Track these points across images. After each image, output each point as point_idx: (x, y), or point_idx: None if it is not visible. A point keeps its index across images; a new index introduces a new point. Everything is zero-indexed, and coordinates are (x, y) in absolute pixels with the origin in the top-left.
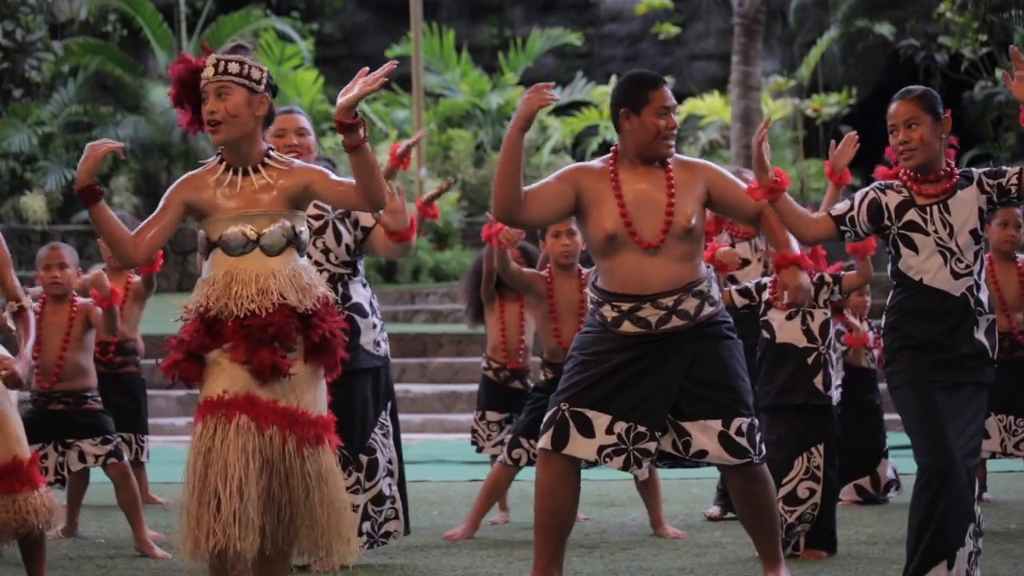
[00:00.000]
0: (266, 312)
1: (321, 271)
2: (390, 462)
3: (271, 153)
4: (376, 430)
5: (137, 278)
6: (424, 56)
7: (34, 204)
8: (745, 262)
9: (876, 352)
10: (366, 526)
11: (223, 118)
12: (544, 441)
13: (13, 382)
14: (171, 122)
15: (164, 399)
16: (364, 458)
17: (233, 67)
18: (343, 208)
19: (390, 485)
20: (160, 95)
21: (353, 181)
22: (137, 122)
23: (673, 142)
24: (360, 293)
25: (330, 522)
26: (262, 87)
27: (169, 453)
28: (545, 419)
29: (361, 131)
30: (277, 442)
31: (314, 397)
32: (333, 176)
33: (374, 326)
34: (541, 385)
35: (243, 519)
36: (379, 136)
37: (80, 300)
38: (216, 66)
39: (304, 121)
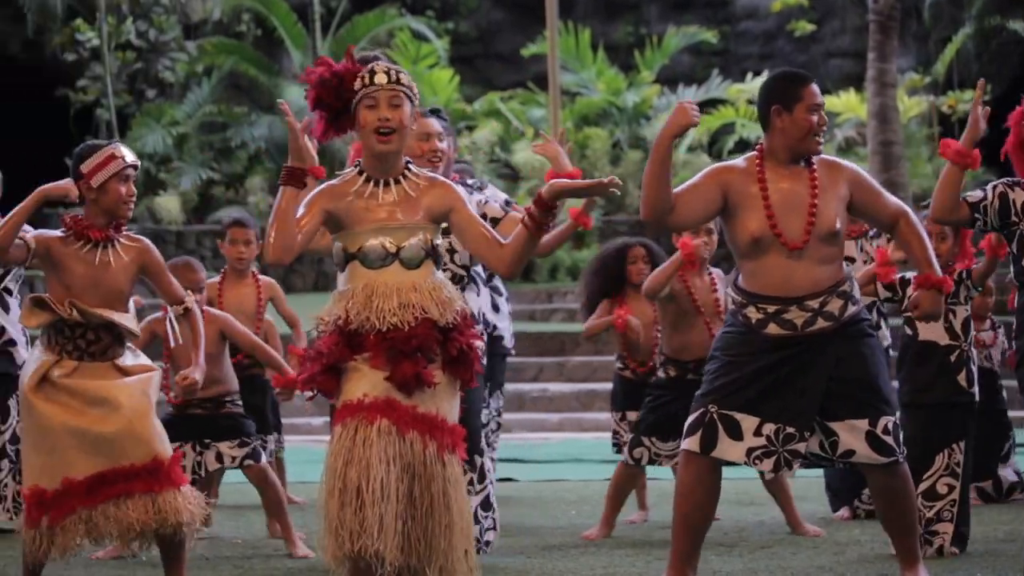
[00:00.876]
0: (408, 325)
1: (444, 270)
2: (489, 470)
3: (410, 166)
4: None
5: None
6: (560, 55)
7: (168, 205)
8: (849, 259)
9: (995, 352)
10: (475, 530)
11: (397, 127)
12: (692, 443)
13: (192, 391)
14: None
15: (300, 399)
16: (478, 459)
17: (405, 78)
18: (469, 251)
19: (490, 494)
20: (295, 95)
21: (492, 234)
22: (272, 122)
23: (822, 139)
24: (485, 294)
25: (465, 531)
26: (417, 101)
27: (305, 453)
28: (690, 421)
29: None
30: (418, 447)
31: (451, 406)
32: (473, 212)
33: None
34: (661, 383)
35: (385, 521)
36: (515, 135)
37: (213, 312)
38: (389, 74)
39: (446, 125)
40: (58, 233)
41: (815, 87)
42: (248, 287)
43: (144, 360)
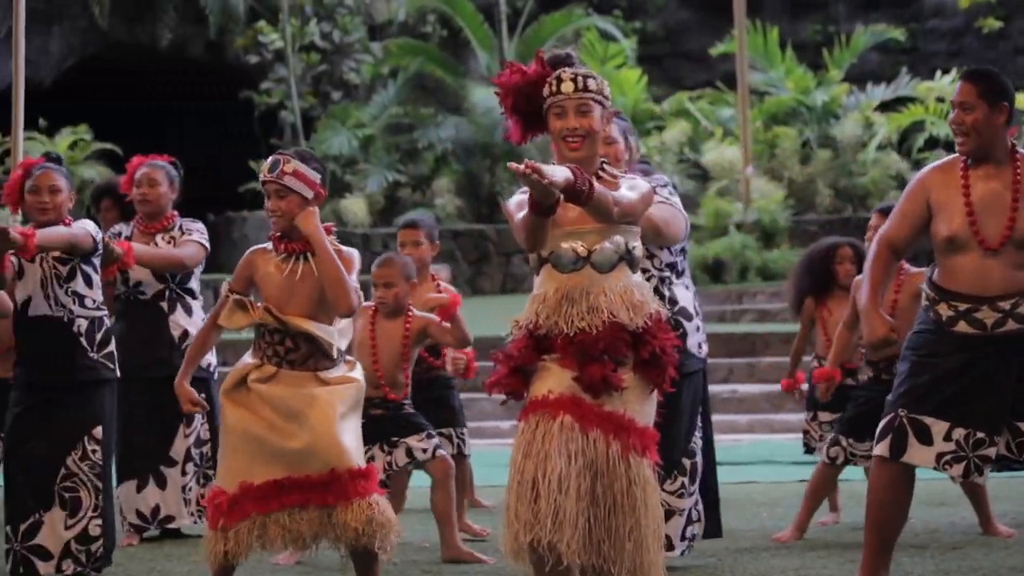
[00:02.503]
0: (596, 329)
1: (648, 277)
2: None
3: (604, 167)
4: (696, 433)
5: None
6: (748, 53)
7: (355, 207)
8: None
9: None
10: (690, 531)
11: (585, 133)
12: (881, 449)
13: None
14: (494, 123)
15: (488, 402)
16: (687, 462)
17: (592, 84)
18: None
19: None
20: (482, 96)
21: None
22: (459, 123)
23: (961, 138)
24: (684, 296)
25: (656, 533)
26: (609, 103)
27: (493, 456)
28: (882, 425)
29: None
30: (601, 446)
31: (642, 407)
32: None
33: (698, 328)
34: (864, 384)
35: (562, 515)
36: (704, 135)
37: (417, 314)
38: (576, 82)
39: (625, 126)
40: (265, 246)
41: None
42: (426, 289)
43: (354, 373)
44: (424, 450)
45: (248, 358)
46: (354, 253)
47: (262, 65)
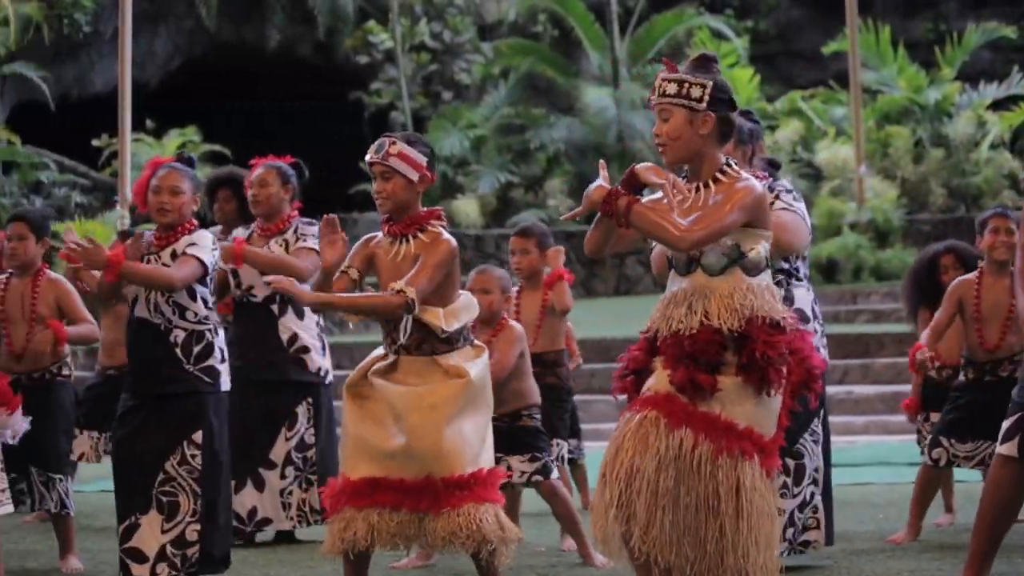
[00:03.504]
0: (690, 331)
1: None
2: (816, 470)
3: (725, 167)
4: (806, 435)
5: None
6: (860, 52)
7: (467, 208)
8: None
9: None
10: (788, 533)
11: (666, 141)
12: (1008, 448)
13: None
14: (606, 123)
15: (604, 404)
16: (791, 462)
17: (671, 88)
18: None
19: (813, 493)
20: (594, 96)
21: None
22: (571, 123)
23: None
24: (803, 297)
25: (754, 538)
26: (703, 104)
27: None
28: (1007, 425)
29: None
30: (687, 445)
31: (745, 410)
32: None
33: (815, 331)
34: (960, 384)
35: (632, 508)
36: (817, 134)
37: (513, 325)
38: (658, 88)
39: (753, 128)
40: (377, 233)
41: None
42: (537, 297)
43: (473, 364)
44: (522, 473)
45: (378, 350)
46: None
47: (372, 65)
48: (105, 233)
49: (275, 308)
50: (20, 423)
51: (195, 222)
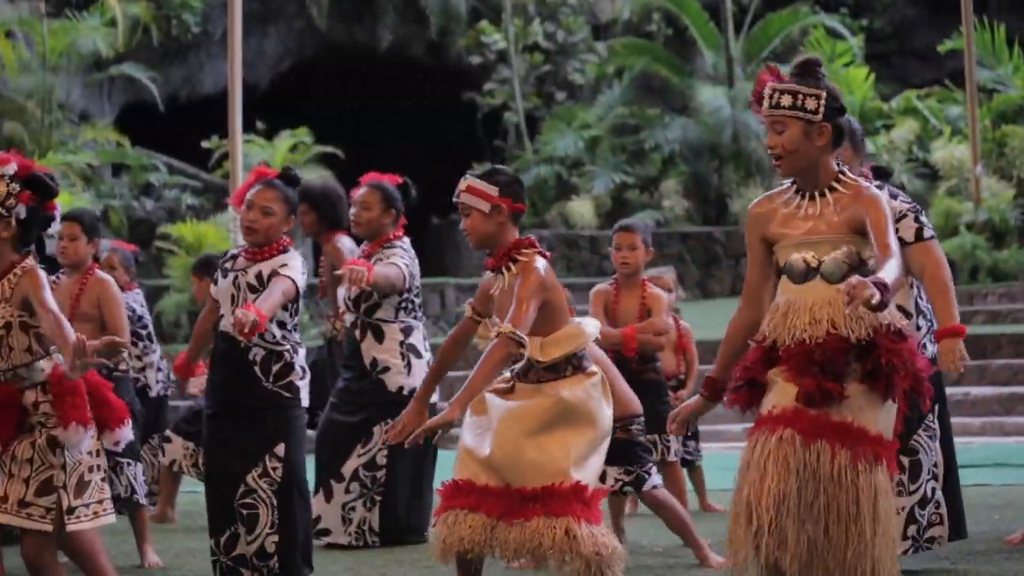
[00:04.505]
0: (815, 341)
1: None
2: (935, 465)
3: (841, 176)
4: (921, 431)
5: (659, 291)
6: (976, 51)
7: (581, 209)
8: None
9: None
10: (911, 530)
11: (782, 153)
12: None
13: None
14: (721, 123)
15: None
16: (905, 460)
17: (785, 100)
18: None
19: (934, 489)
20: (709, 96)
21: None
22: (686, 123)
23: None
24: (902, 295)
25: (885, 540)
26: (819, 116)
27: (725, 459)
28: None
29: None
30: (826, 456)
31: (873, 416)
32: (883, 224)
33: (920, 328)
34: None
35: (782, 532)
36: (932, 133)
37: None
38: (770, 98)
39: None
40: None
41: None
42: (636, 295)
43: (570, 388)
44: (616, 480)
45: (506, 373)
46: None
47: (485, 66)
48: (218, 235)
49: (356, 334)
50: (127, 433)
51: (287, 240)
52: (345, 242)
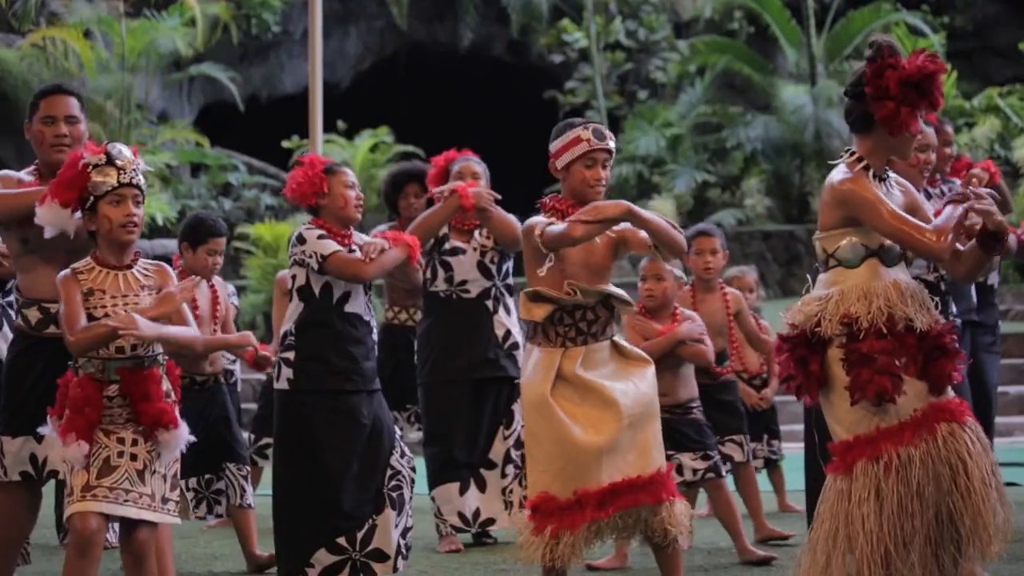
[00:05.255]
0: (933, 325)
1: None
2: None
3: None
4: None
5: (736, 292)
6: None
7: (663, 207)
8: None
9: None
10: None
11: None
12: None
13: None
14: (803, 121)
15: (800, 405)
16: None
17: None
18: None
19: None
20: (791, 94)
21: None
22: (768, 122)
23: None
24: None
25: (987, 498)
26: None
27: (800, 460)
28: None
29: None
30: (930, 443)
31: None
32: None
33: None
34: None
35: (915, 555)
36: (1014, 131)
37: (689, 312)
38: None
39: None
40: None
41: None
42: (715, 298)
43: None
44: (695, 471)
45: (539, 353)
46: None
47: (566, 64)
48: None
49: (489, 304)
50: (186, 436)
51: None
52: None
